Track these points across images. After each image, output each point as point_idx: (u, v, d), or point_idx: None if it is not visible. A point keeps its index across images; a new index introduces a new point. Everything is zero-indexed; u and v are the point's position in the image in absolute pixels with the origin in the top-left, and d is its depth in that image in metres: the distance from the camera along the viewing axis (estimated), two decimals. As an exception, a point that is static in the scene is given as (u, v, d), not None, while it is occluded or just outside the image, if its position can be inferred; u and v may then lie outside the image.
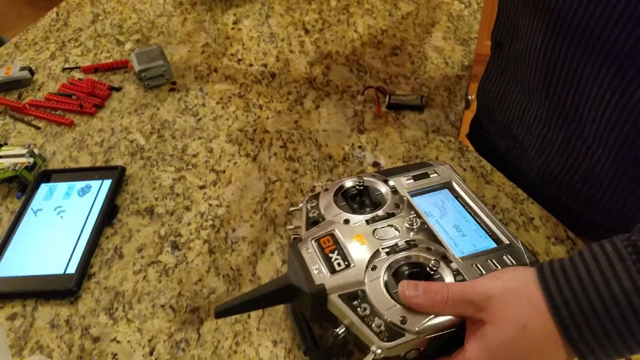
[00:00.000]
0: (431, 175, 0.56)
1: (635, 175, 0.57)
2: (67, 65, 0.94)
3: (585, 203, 0.64)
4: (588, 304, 0.38)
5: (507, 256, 0.47)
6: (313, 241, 0.47)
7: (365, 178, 0.54)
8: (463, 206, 0.53)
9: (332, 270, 0.45)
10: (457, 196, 0.54)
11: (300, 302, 0.46)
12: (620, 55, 0.49)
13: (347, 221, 0.50)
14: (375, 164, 0.69)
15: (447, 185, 0.55)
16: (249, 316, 0.54)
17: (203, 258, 0.61)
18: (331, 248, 0.46)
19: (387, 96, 0.77)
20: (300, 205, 0.54)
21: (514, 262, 0.46)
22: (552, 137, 0.62)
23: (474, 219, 0.51)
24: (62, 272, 0.60)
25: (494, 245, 0.49)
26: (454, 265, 0.45)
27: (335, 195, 0.53)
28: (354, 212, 0.51)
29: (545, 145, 0.64)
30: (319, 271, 0.45)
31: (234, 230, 0.63)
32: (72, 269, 0.60)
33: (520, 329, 0.40)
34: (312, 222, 0.51)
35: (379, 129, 0.74)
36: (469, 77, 0.83)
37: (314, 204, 0.53)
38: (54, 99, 0.86)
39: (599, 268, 0.39)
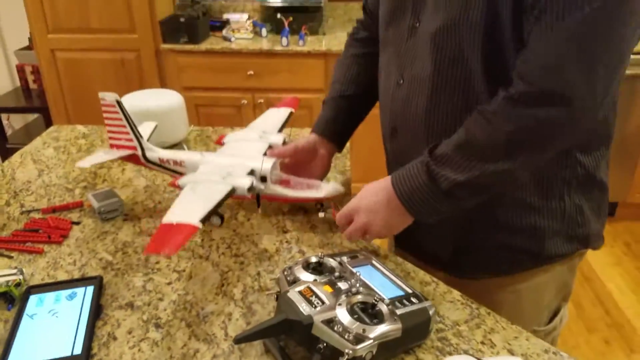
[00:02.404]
0: (359, 256, 0.82)
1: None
2: (24, 209, 1.05)
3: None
4: (409, 181, 0.80)
5: (412, 297, 0.72)
6: (297, 291, 0.68)
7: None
8: (381, 273, 0.79)
9: (314, 307, 0.65)
10: (377, 268, 0.80)
11: (293, 332, 0.65)
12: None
13: (315, 280, 0.72)
14: (301, 251, 0.91)
15: (369, 262, 0.81)
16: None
17: (183, 331, 0.75)
18: (310, 294, 0.67)
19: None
20: (279, 275, 0.75)
21: (415, 302, 0.71)
22: None
23: (389, 280, 0.77)
24: (69, 354, 0.70)
25: (403, 293, 0.74)
26: (386, 301, 0.68)
27: (302, 266, 0.75)
28: (317, 275, 0.74)
29: None
30: (304, 308, 0.65)
31: (202, 309, 0.79)
32: (77, 351, 0.70)
33: (372, 190, 0.84)
34: (291, 282, 0.72)
35: (298, 229, 0.98)
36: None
37: (289, 272, 0.74)
38: (20, 234, 0.96)
39: (413, 168, 0.80)
